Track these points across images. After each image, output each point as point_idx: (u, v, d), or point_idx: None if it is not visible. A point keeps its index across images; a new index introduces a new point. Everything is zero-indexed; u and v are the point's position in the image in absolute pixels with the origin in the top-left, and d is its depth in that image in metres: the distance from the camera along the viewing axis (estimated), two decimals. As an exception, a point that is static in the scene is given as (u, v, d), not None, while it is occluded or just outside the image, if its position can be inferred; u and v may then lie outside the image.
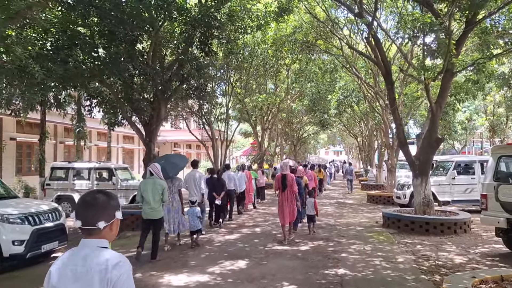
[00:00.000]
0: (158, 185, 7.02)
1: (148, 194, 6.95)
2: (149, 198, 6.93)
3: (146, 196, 6.96)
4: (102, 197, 1.90)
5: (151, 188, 6.97)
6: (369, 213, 13.60)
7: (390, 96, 10.44)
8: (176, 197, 8.05)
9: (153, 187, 6.97)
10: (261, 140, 26.97)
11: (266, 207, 15.39)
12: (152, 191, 6.95)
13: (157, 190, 6.98)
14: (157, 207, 6.99)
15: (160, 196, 7.02)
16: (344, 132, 47.03)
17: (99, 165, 14.55)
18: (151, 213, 6.99)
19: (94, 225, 1.83)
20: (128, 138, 27.59)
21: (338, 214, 13.09)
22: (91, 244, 1.84)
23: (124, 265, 1.81)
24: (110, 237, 1.92)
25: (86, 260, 1.79)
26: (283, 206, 8.31)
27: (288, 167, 8.75)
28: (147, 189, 6.99)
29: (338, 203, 16.62)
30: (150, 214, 7.00)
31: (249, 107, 24.59)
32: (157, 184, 7.03)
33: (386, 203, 16.07)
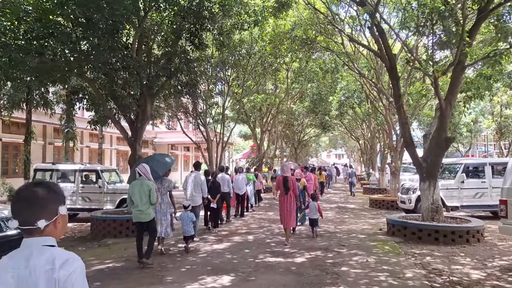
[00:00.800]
0: (145, 186, 6.72)
1: (136, 196, 6.71)
2: (137, 200, 6.70)
3: (134, 198, 6.73)
4: (41, 191, 1.65)
5: (138, 189, 6.71)
6: (371, 218, 12.72)
7: (395, 92, 9.58)
8: (165, 199, 7.78)
9: (140, 188, 6.71)
10: (260, 143, 26.13)
11: (263, 212, 14.53)
12: (139, 193, 6.69)
13: (144, 191, 6.70)
14: (145, 210, 6.71)
15: (147, 198, 6.72)
16: (346, 134, 46.25)
17: (85, 167, 13.72)
18: (140, 216, 6.75)
19: (33, 225, 1.61)
20: (122, 140, 26.74)
21: (339, 220, 12.21)
22: (34, 243, 1.62)
23: (74, 262, 1.60)
24: (57, 235, 1.70)
25: (29, 260, 1.57)
26: (285, 210, 8.16)
27: (289, 169, 8.56)
28: (134, 191, 6.75)
29: (339, 208, 15.74)
30: (139, 217, 6.77)
31: (247, 108, 23.76)
32: (144, 185, 6.74)
33: (389, 208, 15.19)
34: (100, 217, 10.17)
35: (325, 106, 26.64)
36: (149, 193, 6.70)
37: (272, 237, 9.20)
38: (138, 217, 6.77)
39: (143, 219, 6.75)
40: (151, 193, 6.71)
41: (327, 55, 22.79)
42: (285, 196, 8.22)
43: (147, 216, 6.75)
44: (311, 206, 9.32)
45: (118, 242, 9.16)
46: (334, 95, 23.63)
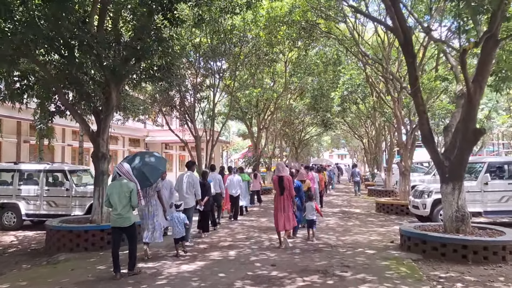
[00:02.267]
0: (125, 188, 6.05)
1: (115, 198, 6.04)
2: (115, 203, 6.04)
3: (113, 201, 6.06)
4: None
5: (118, 191, 6.06)
6: (380, 226, 10.95)
7: (411, 73, 7.81)
8: (153, 201, 7.28)
9: (120, 190, 6.06)
10: (257, 141, 24.38)
11: (255, 218, 12.78)
12: (118, 194, 6.04)
13: (124, 193, 6.04)
14: (125, 214, 6.03)
15: (127, 200, 6.05)
16: (349, 133, 44.46)
17: (51, 167, 12.01)
18: (118, 220, 6.07)
19: None
20: (111, 139, 25.05)
21: (342, 229, 10.44)
22: None
23: None
24: None
25: None
26: (279, 211, 7.85)
27: (285, 168, 8.17)
28: (113, 193, 6.10)
29: (342, 213, 13.97)
30: (117, 222, 6.09)
31: (242, 103, 22.02)
32: (124, 186, 6.07)
33: (399, 213, 13.41)
34: (54, 227, 8.45)
35: (326, 103, 24.89)
36: (129, 195, 6.03)
37: (259, 253, 7.46)
38: (116, 221, 6.08)
39: (122, 224, 6.04)
40: (132, 195, 6.04)
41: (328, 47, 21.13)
42: (281, 197, 7.91)
43: (126, 221, 6.03)
44: (308, 206, 8.87)
45: (71, 258, 7.48)
46: (336, 90, 21.86)
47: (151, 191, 7.26)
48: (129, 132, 26.16)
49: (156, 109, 16.81)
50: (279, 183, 7.89)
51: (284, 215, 7.80)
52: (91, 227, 8.43)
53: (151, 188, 7.22)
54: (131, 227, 6.13)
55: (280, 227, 7.84)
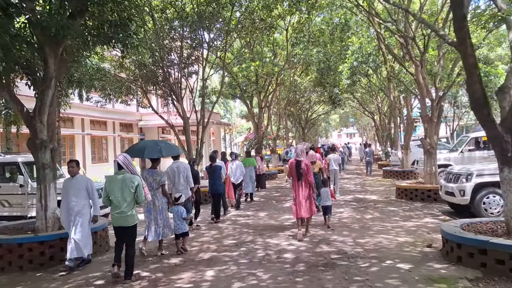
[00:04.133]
0: (130, 182, 5.37)
1: (117, 194, 5.35)
2: (118, 200, 5.34)
3: (115, 197, 5.36)
4: None
5: (120, 186, 5.36)
6: (406, 219, 8.76)
7: (456, 13, 5.48)
8: (158, 195, 6.72)
9: (123, 185, 5.36)
10: (258, 121, 22.11)
11: (252, 212, 10.67)
12: (121, 190, 5.35)
13: (128, 188, 5.35)
14: (128, 211, 5.34)
15: (132, 196, 5.38)
16: (358, 110, 41.93)
17: (2, 159, 9.96)
18: (121, 219, 5.36)
19: None
20: (99, 124, 23.02)
21: (359, 226, 8.26)
22: None
23: None
24: None
25: None
26: (299, 198, 7.31)
27: (304, 153, 7.68)
28: (114, 188, 5.39)
29: (356, 201, 11.79)
30: (119, 221, 5.38)
31: (239, 79, 19.70)
32: (127, 180, 5.37)
33: (425, 200, 11.21)
34: (-23, 239, 6.41)
35: (334, 77, 22.50)
36: (135, 190, 5.37)
37: (248, 273, 5.31)
38: (119, 221, 5.39)
39: (125, 223, 5.36)
40: (138, 190, 5.39)
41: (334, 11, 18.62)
42: (298, 183, 7.36)
43: (131, 220, 5.38)
44: (323, 192, 8.37)
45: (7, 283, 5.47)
46: (345, 61, 19.42)
47: (155, 185, 6.67)
48: (119, 116, 24.06)
49: (138, 88, 14.58)
50: (297, 168, 7.30)
51: (303, 202, 7.26)
52: (27, 238, 6.36)
53: (154, 181, 6.67)
54: (134, 228, 5.45)
55: (298, 214, 7.28)
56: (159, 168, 7.10)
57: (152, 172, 6.79)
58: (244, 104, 23.13)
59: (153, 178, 6.70)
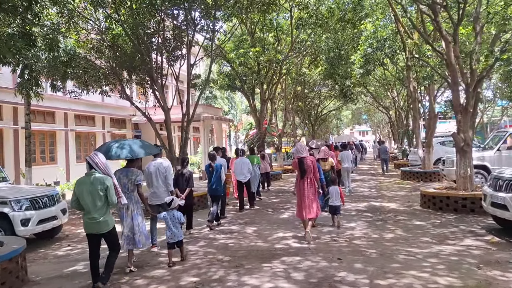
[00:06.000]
0: (99, 184, 4.68)
1: (86, 198, 4.69)
2: (87, 204, 4.69)
3: (84, 201, 4.70)
4: None
5: (89, 189, 4.69)
6: (441, 241, 6.43)
7: None
8: (133, 197, 5.84)
9: (92, 187, 4.68)
10: (261, 116, 19.85)
11: (240, 226, 8.45)
12: (90, 193, 4.68)
13: (98, 190, 4.67)
14: (100, 217, 4.68)
15: (103, 200, 4.70)
16: (372, 105, 39.36)
17: None
18: (92, 225, 4.70)
19: None
20: (86, 119, 21.02)
21: (378, 253, 5.96)
22: None
23: None
24: None
25: None
26: (304, 197, 6.82)
27: (304, 149, 7.12)
28: (83, 191, 4.71)
29: (371, 211, 9.48)
30: (91, 227, 4.73)
31: (237, 68, 17.46)
32: (97, 182, 4.69)
33: (459, 211, 8.85)
34: None
35: (345, 68, 20.17)
36: (105, 192, 4.69)
37: None
38: (90, 227, 4.72)
39: (98, 230, 4.71)
40: (109, 192, 4.70)
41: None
42: (302, 181, 6.88)
43: (103, 226, 4.70)
44: (332, 191, 7.92)
45: None
46: (358, 48, 17.10)
47: (130, 185, 5.88)
48: (109, 110, 22.04)
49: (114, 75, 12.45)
50: (300, 166, 6.91)
51: (307, 202, 6.81)
52: None
53: (129, 181, 5.88)
54: (112, 232, 4.81)
55: (303, 215, 6.86)
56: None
57: (127, 171, 5.92)
58: (245, 97, 20.88)
59: (128, 178, 5.86)
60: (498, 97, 26.94)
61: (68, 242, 8.10)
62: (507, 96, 21.54)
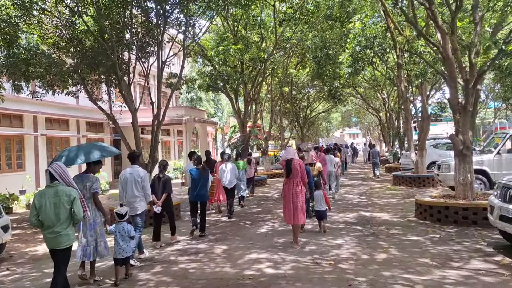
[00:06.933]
0: (65, 196, 4.25)
1: (48, 211, 4.19)
2: (50, 217, 4.19)
3: (45, 214, 4.18)
4: None
5: (53, 201, 4.22)
6: (443, 263, 5.36)
7: None
8: (90, 205, 5.44)
9: (56, 199, 4.23)
10: (244, 118, 18.75)
11: (208, 244, 7.30)
12: (54, 206, 4.21)
13: (63, 203, 4.22)
14: (62, 231, 4.21)
15: (68, 213, 4.25)
16: (361, 107, 38.48)
17: None
18: (53, 240, 4.22)
19: None
20: (59, 123, 19.70)
21: (368, 281, 4.86)
22: None
23: None
24: None
25: None
26: (290, 202, 6.67)
27: (292, 152, 7.02)
28: (44, 204, 4.21)
29: (361, 224, 8.39)
30: (52, 242, 4.24)
31: (216, 65, 16.35)
32: (62, 194, 4.25)
33: (459, 223, 7.82)
34: None
35: (333, 68, 19.21)
36: (70, 205, 4.24)
37: None
38: (53, 242, 4.22)
39: (59, 245, 4.21)
40: (75, 204, 4.26)
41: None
42: (289, 183, 6.74)
43: (64, 240, 4.23)
44: (316, 195, 7.70)
45: None
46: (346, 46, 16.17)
47: (86, 192, 5.38)
48: (84, 113, 20.70)
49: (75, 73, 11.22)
50: (287, 165, 6.76)
51: (293, 206, 6.60)
52: None
53: (85, 188, 5.39)
54: (68, 249, 4.30)
55: (289, 219, 6.71)
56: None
57: (83, 177, 5.52)
58: (227, 98, 19.74)
59: (83, 185, 5.43)
60: (490, 99, 26.17)
61: (9, 265, 6.90)
62: (500, 96, 20.69)
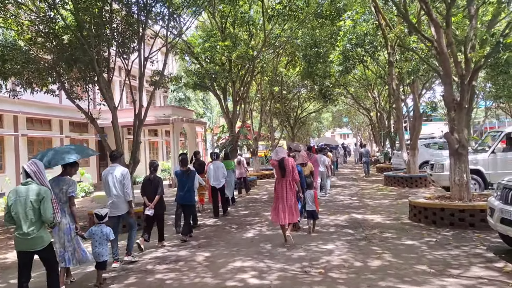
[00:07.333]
0: (33, 195, 4.11)
1: (18, 211, 4.11)
2: (18, 217, 4.11)
3: (16, 214, 4.12)
4: None
5: (23, 200, 4.12)
6: (441, 270, 4.94)
7: None
8: (66, 209, 5.24)
9: (26, 198, 4.12)
10: (233, 117, 18.26)
11: (190, 251, 6.82)
12: (24, 205, 4.11)
13: (32, 203, 4.10)
14: (33, 233, 4.07)
15: (37, 213, 4.11)
16: (352, 107, 38.22)
17: None
18: (24, 242, 4.10)
19: None
20: (41, 123, 19.03)
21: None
22: None
23: None
24: None
25: None
26: (280, 200, 6.64)
27: (283, 151, 7.00)
28: (15, 203, 4.14)
29: (353, 227, 7.97)
30: (22, 244, 4.12)
31: (202, 62, 15.85)
32: (31, 192, 4.12)
33: (456, 225, 7.43)
34: None
35: (324, 67, 18.84)
36: (39, 205, 4.08)
37: None
38: (22, 244, 4.10)
39: (31, 247, 4.10)
40: (43, 205, 4.10)
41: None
42: (282, 183, 6.66)
43: (37, 242, 4.11)
44: (307, 195, 7.62)
45: None
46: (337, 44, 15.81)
47: (62, 196, 5.18)
48: (67, 113, 20.00)
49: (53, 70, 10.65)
50: (280, 165, 6.67)
51: (287, 205, 6.58)
52: None
53: (61, 192, 5.19)
54: (47, 250, 4.17)
55: (281, 220, 6.56)
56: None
57: (58, 180, 5.30)
58: (215, 97, 19.23)
59: (59, 188, 5.25)
60: (481, 98, 26.03)
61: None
62: (492, 95, 20.52)
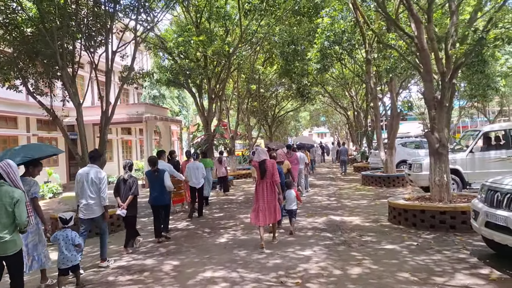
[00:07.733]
0: (7, 197, 3.93)
1: None
2: None
3: None
4: None
5: None
6: (425, 279, 4.63)
7: None
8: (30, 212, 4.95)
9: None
10: (208, 116, 17.73)
11: (157, 260, 6.31)
12: None
13: (5, 205, 3.90)
14: (7, 236, 3.86)
15: (11, 217, 3.92)
16: (330, 106, 38.21)
17: None
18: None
19: None
20: (5, 120, 18.02)
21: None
22: None
23: None
24: None
25: None
26: (260, 201, 6.61)
27: (264, 152, 6.96)
28: None
29: (331, 230, 7.62)
30: None
31: (176, 57, 15.28)
32: (5, 195, 3.93)
33: (437, 228, 7.18)
34: None
35: (302, 65, 18.55)
36: (13, 208, 3.90)
37: None
38: None
39: (4, 252, 3.87)
40: (18, 208, 3.91)
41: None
42: (262, 184, 6.65)
43: (10, 246, 3.88)
44: (288, 194, 7.55)
45: None
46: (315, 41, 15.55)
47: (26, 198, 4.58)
48: (34, 111, 18.95)
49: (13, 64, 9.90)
50: (260, 167, 6.67)
51: (267, 206, 6.55)
52: None
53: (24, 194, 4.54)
54: (17, 256, 3.97)
55: (261, 221, 6.50)
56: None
57: (22, 180, 4.80)
58: (190, 94, 18.65)
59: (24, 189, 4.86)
60: (456, 97, 26.31)
61: None
62: (467, 94, 20.68)
